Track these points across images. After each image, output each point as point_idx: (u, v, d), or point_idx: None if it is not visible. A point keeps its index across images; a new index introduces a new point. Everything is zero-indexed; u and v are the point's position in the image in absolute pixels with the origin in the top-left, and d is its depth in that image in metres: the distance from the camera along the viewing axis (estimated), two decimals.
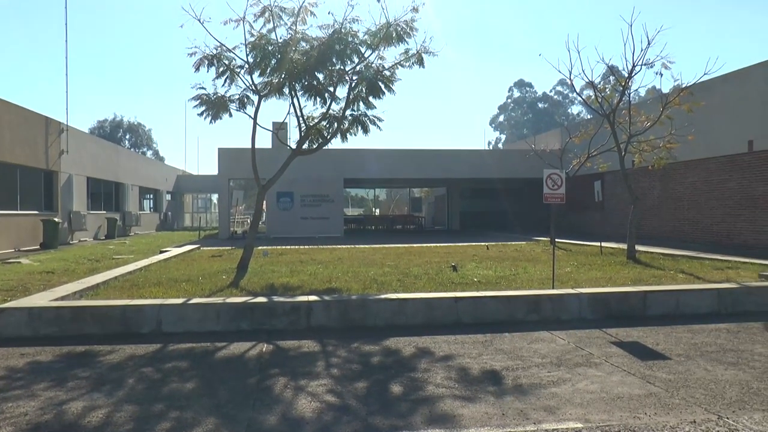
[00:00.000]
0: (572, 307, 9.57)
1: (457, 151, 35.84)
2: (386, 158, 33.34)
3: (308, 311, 8.84)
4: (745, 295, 10.38)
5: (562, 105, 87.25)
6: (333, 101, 14.09)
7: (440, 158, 34.36)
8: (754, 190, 21.34)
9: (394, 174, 34.47)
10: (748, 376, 6.39)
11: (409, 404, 5.49)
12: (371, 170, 33.54)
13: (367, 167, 33.14)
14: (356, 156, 32.26)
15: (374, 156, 32.93)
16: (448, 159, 34.48)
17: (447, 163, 34.25)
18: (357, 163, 32.56)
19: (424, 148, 35.73)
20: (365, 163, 32.85)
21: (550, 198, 11.63)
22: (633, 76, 17.06)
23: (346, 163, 32.23)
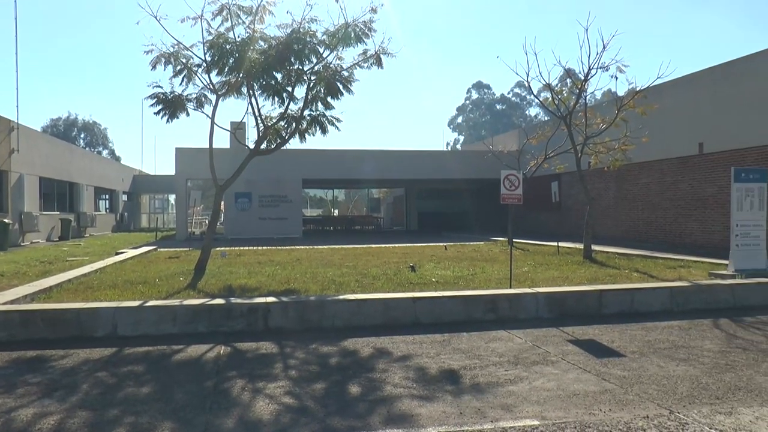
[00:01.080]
0: (529, 307, 9.69)
1: (416, 152, 35.99)
2: (345, 159, 33.32)
3: (266, 313, 8.79)
4: (696, 294, 10.65)
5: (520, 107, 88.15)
6: (291, 101, 14.05)
7: (399, 159, 34.46)
8: (704, 191, 21.87)
9: (352, 174, 34.47)
10: (698, 372, 6.56)
11: (368, 405, 5.50)
12: (330, 170, 33.49)
13: (325, 167, 33.08)
14: (315, 156, 32.17)
15: (333, 156, 32.89)
16: (407, 160, 34.61)
17: (405, 164, 34.38)
18: (316, 163, 32.47)
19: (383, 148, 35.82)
20: (324, 164, 32.80)
21: (507, 198, 11.75)
22: (589, 79, 17.38)
23: (304, 164, 32.11)
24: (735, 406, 5.45)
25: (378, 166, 33.82)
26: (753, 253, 12.63)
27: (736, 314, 9.98)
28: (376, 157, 34.12)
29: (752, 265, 12.46)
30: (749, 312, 10.20)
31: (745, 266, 12.39)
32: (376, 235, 35.66)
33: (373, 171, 34.09)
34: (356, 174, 34.45)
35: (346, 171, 33.92)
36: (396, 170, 34.39)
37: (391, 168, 34.22)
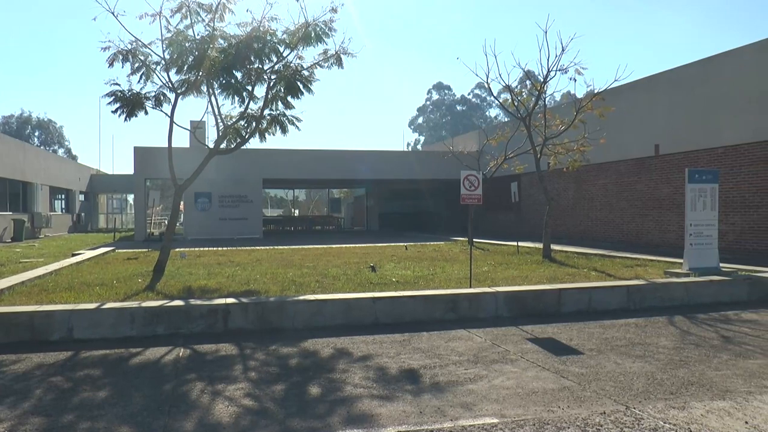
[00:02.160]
0: (489, 306, 9.78)
1: (377, 152, 36.04)
2: (305, 158, 33.21)
3: (226, 314, 8.73)
4: (652, 292, 10.88)
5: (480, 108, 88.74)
6: (251, 100, 13.96)
7: (359, 159, 34.45)
8: (660, 191, 22.32)
9: (313, 174, 34.38)
10: (653, 368, 6.70)
11: (328, 405, 5.50)
12: (290, 170, 33.35)
13: (286, 167, 32.94)
14: (275, 156, 32.00)
15: (293, 156, 32.77)
16: (367, 160, 34.61)
17: (366, 164, 34.37)
18: (276, 163, 32.30)
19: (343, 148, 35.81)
20: (284, 164, 32.64)
21: (467, 199, 11.83)
22: (548, 81, 17.60)
23: (265, 164, 31.91)
24: (688, 401, 5.59)
25: (337, 166, 33.79)
26: (706, 252, 12.92)
27: (690, 311, 10.23)
28: (337, 157, 34.09)
29: (705, 264, 12.74)
30: (702, 309, 10.45)
31: (698, 265, 12.66)
32: (336, 235, 35.61)
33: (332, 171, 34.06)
34: (317, 174, 34.38)
35: (307, 171, 33.81)
36: (355, 170, 34.38)
37: (350, 168, 34.20)
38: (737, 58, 19.86)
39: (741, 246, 19.12)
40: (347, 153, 34.81)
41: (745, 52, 19.62)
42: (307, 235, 34.90)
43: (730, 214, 19.33)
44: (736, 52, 19.95)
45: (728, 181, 19.18)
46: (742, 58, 19.64)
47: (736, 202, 19.38)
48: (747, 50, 19.55)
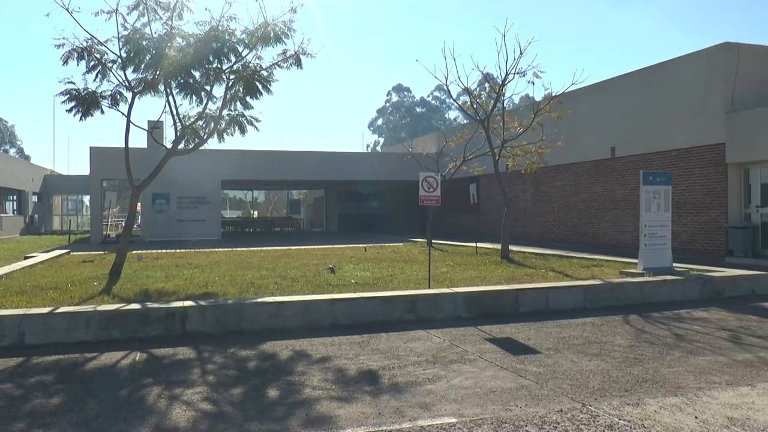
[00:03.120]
0: (448, 306, 9.84)
1: (336, 154, 36.02)
2: (264, 159, 33.04)
3: (183, 317, 8.63)
4: (608, 291, 11.08)
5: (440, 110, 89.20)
6: (210, 100, 13.82)
7: (319, 160, 34.41)
8: (616, 193, 22.74)
9: (272, 175, 34.22)
10: (609, 366, 6.83)
11: (286, 408, 5.48)
12: (249, 171, 33.14)
13: (245, 168, 32.71)
14: (234, 157, 31.75)
15: (252, 157, 32.58)
16: (327, 161, 34.59)
17: (325, 165, 34.36)
18: (235, 164, 32.05)
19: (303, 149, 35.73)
20: (243, 164, 32.42)
21: (426, 200, 11.89)
22: (506, 84, 17.80)
23: (223, 164, 31.63)
24: (642, 398, 5.70)
25: (296, 167, 33.68)
26: (660, 252, 13.19)
27: (645, 310, 10.43)
28: (296, 158, 33.97)
29: (659, 264, 13.01)
30: (656, 308, 10.67)
31: (652, 265, 12.92)
32: (295, 236, 35.52)
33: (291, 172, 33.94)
34: (276, 175, 34.22)
35: (266, 172, 33.65)
36: (314, 171, 34.32)
37: (309, 169, 34.13)
38: (688, 63, 20.35)
39: (693, 246, 19.57)
40: (307, 154, 34.73)
41: (695, 58, 20.12)
42: (266, 237, 34.73)
43: (683, 216, 19.77)
44: (688, 58, 20.45)
45: (681, 183, 19.63)
46: (693, 63, 20.14)
47: (689, 203, 19.83)
48: (698, 56, 20.05)
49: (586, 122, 23.84)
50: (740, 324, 9.26)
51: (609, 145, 23.17)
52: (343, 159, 35.48)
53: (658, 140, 21.04)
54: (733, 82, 18.74)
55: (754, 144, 18.06)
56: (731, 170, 18.81)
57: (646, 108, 21.67)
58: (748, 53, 19.00)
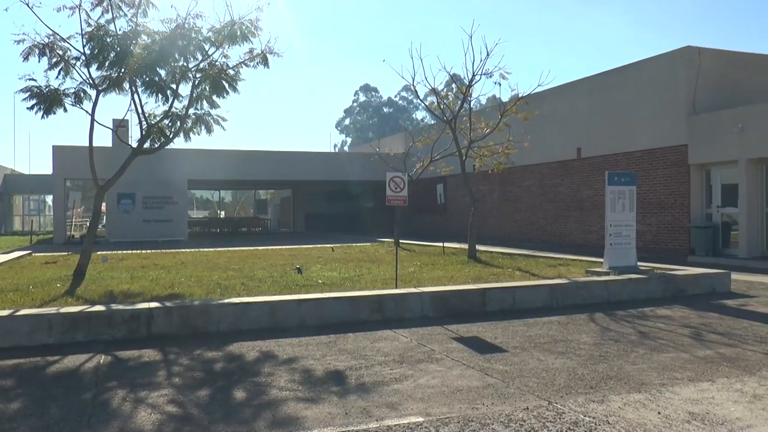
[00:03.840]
0: (415, 306, 9.86)
1: (303, 153, 35.92)
2: (231, 159, 32.84)
3: (149, 318, 8.52)
4: (574, 290, 11.19)
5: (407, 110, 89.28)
6: (176, 99, 13.67)
7: (286, 160, 34.29)
8: (582, 193, 23.01)
9: (239, 175, 34.05)
10: (574, 364, 6.91)
11: (253, 409, 5.45)
12: (216, 171, 32.89)
13: (212, 168, 32.46)
14: (201, 156, 31.49)
15: (219, 157, 32.36)
16: (294, 161, 34.49)
17: (293, 165, 34.24)
18: (201, 163, 31.79)
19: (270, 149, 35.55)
20: (210, 164, 32.17)
21: (393, 200, 11.91)
22: (473, 85, 17.91)
23: (190, 164, 31.33)
24: (606, 394, 5.78)
25: (264, 167, 33.55)
26: (625, 251, 13.36)
27: (610, 308, 10.56)
28: (264, 157, 33.84)
29: (624, 263, 13.17)
30: (621, 306, 10.81)
31: (617, 264, 13.09)
32: (263, 237, 35.35)
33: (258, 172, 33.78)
34: (243, 175, 34.05)
35: (233, 172, 33.46)
36: (282, 171, 34.21)
37: (277, 169, 34.00)
38: (651, 66, 20.70)
39: (657, 245, 19.89)
40: (274, 154, 34.58)
41: (658, 61, 20.46)
42: (233, 237, 34.53)
43: (647, 215, 20.07)
44: (651, 61, 20.79)
45: (645, 183, 19.93)
46: (656, 66, 20.48)
47: (653, 203, 20.14)
48: (660, 59, 20.39)
49: (553, 123, 24.12)
50: (701, 321, 9.43)
51: (575, 145, 23.45)
52: (310, 159, 35.39)
53: (623, 141, 21.34)
54: (694, 85, 19.08)
55: (714, 146, 18.41)
56: (693, 171, 19.16)
57: (611, 110, 21.98)
58: (709, 57, 19.37)
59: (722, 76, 19.40)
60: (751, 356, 7.24)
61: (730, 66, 19.68)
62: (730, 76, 19.49)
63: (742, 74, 19.65)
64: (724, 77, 19.43)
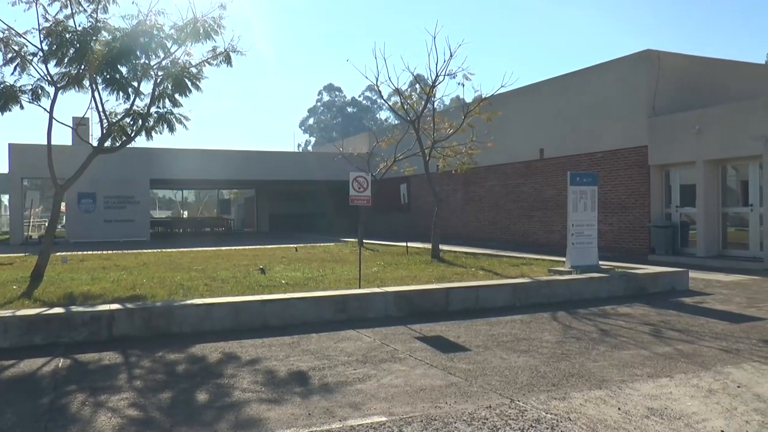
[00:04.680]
0: (378, 306, 9.87)
1: (267, 153, 35.74)
2: (195, 158, 32.54)
3: (110, 320, 8.39)
4: (536, 289, 11.31)
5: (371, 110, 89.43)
6: (138, 97, 13.46)
7: (250, 159, 34.08)
8: (545, 193, 23.25)
9: (202, 175, 33.74)
10: (537, 362, 6.98)
11: (215, 412, 5.40)
12: (179, 170, 32.55)
13: (175, 167, 32.11)
14: (163, 155, 31.14)
15: (182, 156, 32.02)
16: (258, 160, 34.30)
17: (256, 165, 34.05)
18: (164, 162, 31.44)
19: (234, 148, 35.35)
20: (173, 163, 31.81)
21: (356, 200, 11.90)
22: (437, 86, 17.95)
23: (152, 163, 31.00)
24: (568, 392, 5.85)
25: (227, 166, 33.32)
26: (586, 250, 13.53)
27: (572, 307, 10.69)
28: (227, 157, 33.59)
29: (586, 262, 13.34)
30: (583, 305, 10.95)
31: (579, 263, 13.24)
32: (226, 237, 35.11)
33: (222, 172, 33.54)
34: (206, 174, 33.75)
35: (196, 171, 33.13)
36: (245, 171, 34.01)
37: (240, 169, 33.78)
38: (612, 69, 21.03)
39: (618, 244, 20.19)
40: (237, 153, 34.34)
41: (619, 64, 20.79)
42: (196, 238, 34.23)
43: (608, 215, 20.36)
44: (612, 64, 21.13)
45: (607, 183, 20.21)
46: (617, 69, 20.82)
47: (614, 203, 20.43)
48: (621, 62, 20.72)
49: (516, 124, 24.34)
50: (661, 319, 9.59)
51: (538, 146, 23.69)
52: (274, 158, 35.24)
53: (585, 142, 21.62)
54: (654, 88, 19.41)
55: (674, 147, 18.74)
56: (653, 172, 19.48)
57: (573, 111, 22.25)
58: (668, 60, 19.73)
59: (681, 79, 19.77)
60: (707, 352, 7.40)
61: (688, 69, 20.06)
62: (689, 80, 19.88)
63: (701, 78, 20.06)
64: (684, 80, 19.80)
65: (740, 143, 17.04)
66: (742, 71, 21.19)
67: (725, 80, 20.31)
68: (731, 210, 18.43)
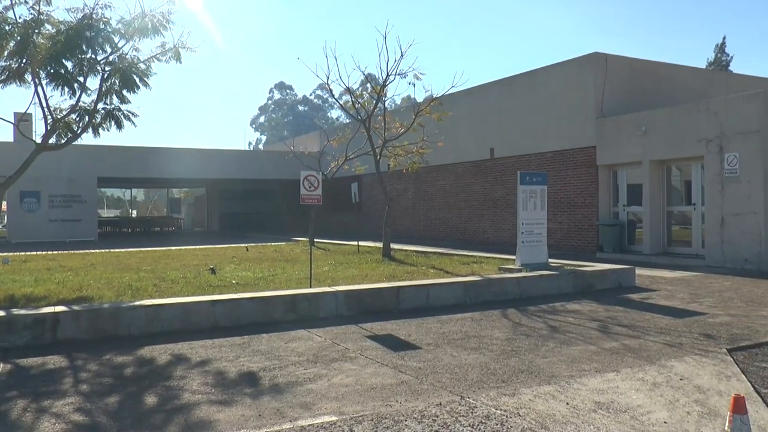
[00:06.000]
0: (329, 305, 9.84)
1: (217, 151, 35.36)
2: (144, 156, 32.03)
3: (55, 323, 8.17)
4: (486, 287, 11.40)
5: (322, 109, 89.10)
6: (84, 92, 13.12)
7: (200, 158, 33.66)
8: (495, 192, 23.49)
9: (152, 173, 33.21)
10: (487, 359, 7.05)
11: (164, 414, 5.31)
12: (128, 169, 31.98)
13: (123, 165, 31.54)
14: (111, 153, 30.55)
15: (131, 153, 31.49)
16: (208, 159, 33.91)
17: (207, 163, 33.67)
18: (112, 160, 30.86)
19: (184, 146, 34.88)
20: (122, 161, 31.27)
21: (307, 199, 11.84)
22: (387, 85, 17.99)
23: (100, 161, 30.37)
24: (518, 388, 5.93)
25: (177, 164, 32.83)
26: (536, 248, 13.71)
27: (522, 304, 10.83)
28: (177, 155, 33.09)
29: (536, 260, 13.51)
30: (533, 302, 11.10)
31: (529, 261, 13.41)
32: (176, 236, 34.69)
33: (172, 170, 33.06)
34: (156, 173, 33.22)
35: (145, 169, 32.60)
36: (197, 169, 33.54)
37: (191, 167, 33.32)
38: (561, 71, 21.36)
39: (568, 243, 20.51)
40: (187, 151, 33.87)
41: (567, 66, 21.11)
42: (145, 237, 33.74)
43: (558, 214, 20.67)
44: (560, 66, 21.45)
45: (556, 183, 20.51)
46: (565, 71, 21.14)
47: (563, 202, 20.75)
48: (569, 64, 21.05)
49: (467, 124, 24.55)
50: (608, 315, 9.79)
51: (488, 146, 23.91)
52: (224, 157, 34.89)
53: (535, 142, 21.91)
54: (602, 90, 19.78)
55: (620, 147, 19.13)
56: (601, 171, 19.85)
57: (523, 112, 22.52)
58: (615, 63, 20.12)
59: (628, 82, 20.18)
60: (652, 346, 7.59)
61: (635, 72, 20.50)
62: (636, 82, 20.31)
63: (647, 80, 20.53)
64: (630, 83, 20.22)
65: (684, 144, 17.48)
66: (685, 75, 21.79)
67: (670, 83, 20.82)
68: (675, 209, 18.89)
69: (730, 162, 16.22)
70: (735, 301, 11.04)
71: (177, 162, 32.84)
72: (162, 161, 32.53)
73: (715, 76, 27.81)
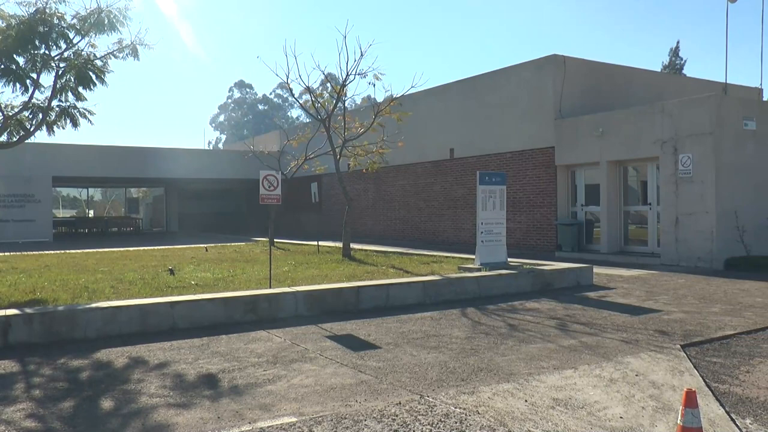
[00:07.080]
0: (289, 305, 9.80)
1: (176, 150, 34.91)
2: (100, 155, 31.50)
3: (6, 327, 7.97)
4: (446, 286, 11.46)
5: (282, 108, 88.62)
6: (37, 89, 12.85)
7: (158, 157, 33.20)
8: (455, 192, 23.64)
9: (109, 172, 32.65)
10: (446, 357, 7.09)
11: (121, 419, 5.23)
12: (84, 168, 31.39)
13: (79, 164, 30.95)
14: (67, 151, 29.97)
15: (87, 152, 30.95)
16: (167, 158, 33.45)
17: (165, 162, 33.21)
18: (68, 159, 30.27)
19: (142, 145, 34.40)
20: (77, 160, 30.68)
21: (266, 199, 11.76)
22: (347, 85, 17.99)
23: (55, 160, 29.78)
24: (477, 386, 5.98)
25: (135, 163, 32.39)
26: (495, 248, 13.83)
27: (481, 303, 10.91)
28: (135, 154, 32.64)
29: (495, 259, 13.63)
30: (492, 300, 11.19)
31: (489, 260, 13.52)
32: (134, 237, 34.18)
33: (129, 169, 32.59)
34: (113, 172, 32.69)
35: (102, 168, 32.03)
36: (155, 168, 33.10)
37: (149, 166, 32.87)
38: (520, 72, 21.58)
39: (527, 242, 20.73)
40: (145, 150, 33.38)
41: (526, 68, 21.34)
42: (103, 238, 33.17)
43: (517, 213, 20.87)
44: (519, 67, 21.68)
45: (515, 183, 20.72)
46: (524, 72, 21.37)
47: (523, 202, 20.97)
48: (528, 66, 21.28)
49: (426, 124, 24.66)
50: (566, 313, 9.92)
51: (448, 146, 24.05)
52: (183, 156, 34.45)
53: (495, 143, 22.09)
54: (560, 91, 20.04)
55: (578, 148, 19.41)
56: (560, 172, 20.11)
57: (482, 112, 22.70)
58: (573, 65, 20.40)
59: (586, 84, 20.48)
60: (609, 344, 7.71)
61: (593, 74, 20.82)
62: (593, 84, 20.63)
63: (604, 82, 20.87)
64: (588, 84, 20.53)
65: (640, 145, 17.80)
66: (641, 77, 22.19)
67: (626, 85, 21.21)
68: (632, 208, 19.23)
69: (684, 163, 16.57)
70: (688, 299, 11.29)
71: (135, 161, 32.40)
72: (119, 160, 32.05)
73: (670, 79, 28.43)
